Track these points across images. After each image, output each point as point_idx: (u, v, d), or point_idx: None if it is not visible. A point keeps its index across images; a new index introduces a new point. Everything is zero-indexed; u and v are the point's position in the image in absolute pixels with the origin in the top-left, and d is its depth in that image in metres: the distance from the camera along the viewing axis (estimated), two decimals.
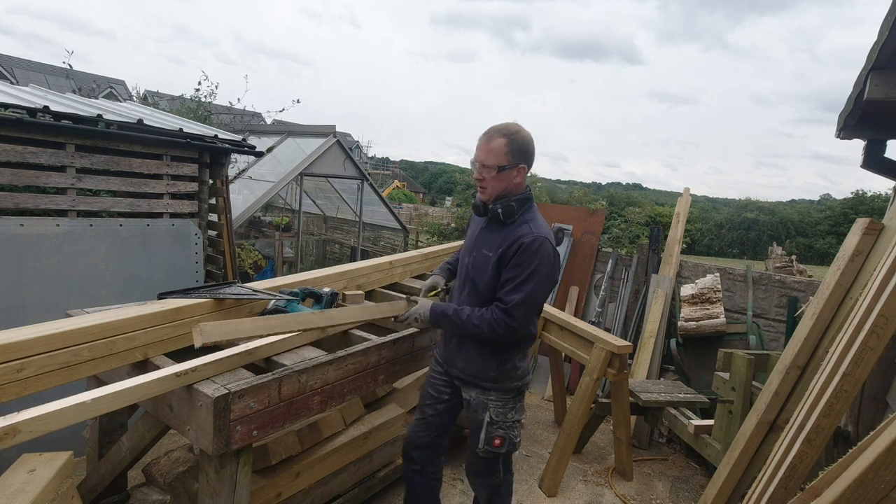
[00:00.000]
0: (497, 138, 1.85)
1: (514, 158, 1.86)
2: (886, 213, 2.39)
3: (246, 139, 3.99)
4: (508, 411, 2.01)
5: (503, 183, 1.90)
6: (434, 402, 2.15)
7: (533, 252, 1.82)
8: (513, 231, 1.88)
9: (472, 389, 2.02)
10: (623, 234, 5.29)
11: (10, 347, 1.47)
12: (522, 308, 1.82)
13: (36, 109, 2.60)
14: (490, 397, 1.99)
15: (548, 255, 1.84)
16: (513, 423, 2.02)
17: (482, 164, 1.87)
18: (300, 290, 2.26)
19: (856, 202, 20.04)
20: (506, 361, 1.98)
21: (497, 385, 1.98)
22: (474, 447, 2.03)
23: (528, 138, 1.90)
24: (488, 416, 1.98)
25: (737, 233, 20.28)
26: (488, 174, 1.88)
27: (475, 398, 2.01)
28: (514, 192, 1.94)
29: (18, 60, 23.10)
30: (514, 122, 1.91)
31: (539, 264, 1.82)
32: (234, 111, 8.08)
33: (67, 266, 2.75)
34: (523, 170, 1.91)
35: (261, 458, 2.14)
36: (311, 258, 7.70)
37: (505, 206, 1.91)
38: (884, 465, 1.37)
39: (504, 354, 1.97)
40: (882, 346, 1.76)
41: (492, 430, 1.98)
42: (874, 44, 1.93)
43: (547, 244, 1.85)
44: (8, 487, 1.60)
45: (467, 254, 2.04)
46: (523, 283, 1.81)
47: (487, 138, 1.87)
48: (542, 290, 1.88)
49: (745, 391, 2.93)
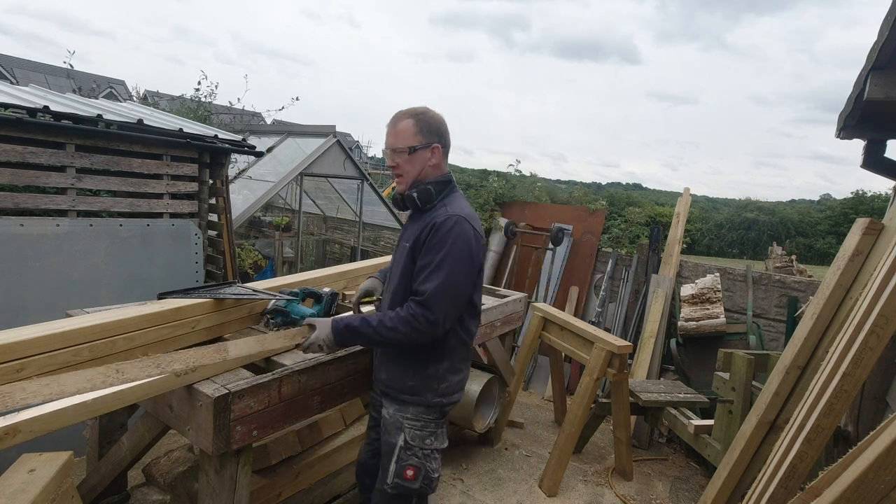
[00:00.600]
0: (404, 119, 1.72)
1: (425, 138, 1.71)
2: (886, 213, 2.38)
3: (246, 139, 3.99)
4: (427, 435, 1.72)
5: (418, 165, 1.73)
6: (376, 423, 1.93)
7: (445, 232, 1.61)
8: (428, 216, 1.70)
9: (390, 405, 1.77)
10: (623, 234, 5.28)
11: (10, 347, 1.47)
12: (439, 297, 1.58)
13: (36, 109, 2.60)
14: (406, 415, 1.72)
15: (464, 234, 1.63)
16: (431, 452, 1.73)
17: (392, 149, 1.72)
18: (300, 290, 2.26)
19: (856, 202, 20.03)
20: (425, 367, 1.72)
21: (416, 398, 1.72)
22: (381, 484, 1.75)
23: (437, 118, 1.75)
24: (402, 438, 1.71)
25: (737, 233, 20.27)
26: (401, 158, 1.72)
27: (391, 416, 1.75)
28: (432, 176, 1.76)
29: (18, 60, 23.10)
30: (423, 105, 1.77)
31: (454, 245, 1.60)
32: (234, 111, 8.08)
33: (67, 266, 2.75)
34: (438, 150, 1.74)
35: (261, 458, 2.15)
36: (311, 258, 7.70)
37: (420, 189, 1.73)
38: (884, 465, 1.36)
39: (423, 358, 1.72)
40: (882, 346, 1.76)
41: (404, 458, 1.70)
42: (874, 44, 1.93)
43: (463, 223, 1.64)
44: (8, 487, 1.60)
45: (394, 251, 1.90)
46: (437, 269, 1.59)
47: (394, 121, 1.73)
48: (462, 275, 1.63)
49: (745, 391, 2.93)
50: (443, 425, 1.79)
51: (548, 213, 5.55)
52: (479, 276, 1.77)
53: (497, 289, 3.60)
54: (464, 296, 1.68)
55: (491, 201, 5.80)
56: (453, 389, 1.77)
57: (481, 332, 2.96)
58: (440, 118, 1.77)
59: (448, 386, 1.75)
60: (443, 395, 1.74)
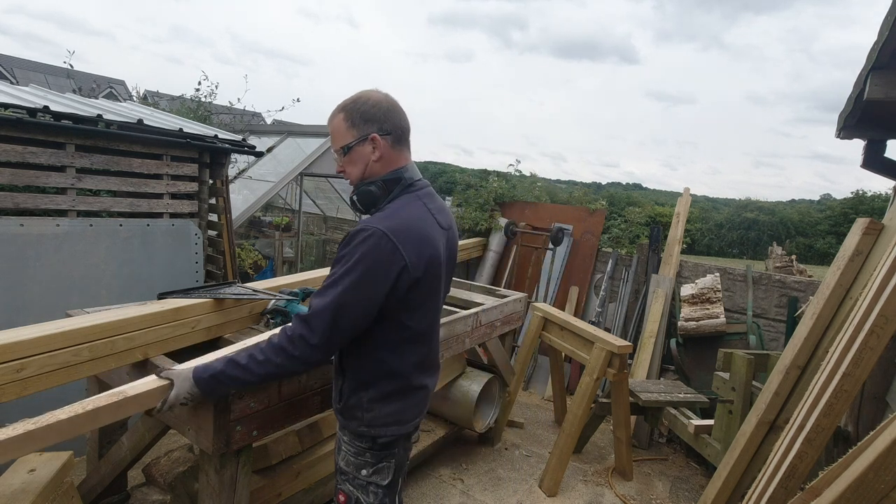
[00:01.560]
0: (336, 115, 1.43)
1: (358, 130, 1.39)
2: (886, 213, 2.39)
3: (246, 139, 3.99)
4: (363, 465, 1.46)
5: (360, 164, 1.42)
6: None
7: (354, 246, 1.30)
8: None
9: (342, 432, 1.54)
10: (623, 234, 5.28)
11: (10, 347, 1.48)
12: (323, 317, 1.30)
13: (36, 109, 2.60)
14: (344, 437, 1.51)
15: (376, 252, 1.29)
16: (366, 483, 1.46)
17: (334, 150, 1.46)
18: (300, 289, 2.26)
19: (856, 202, 20.03)
20: (350, 394, 1.45)
21: (344, 421, 1.48)
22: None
23: (373, 101, 1.41)
24: (339, 458, 1.52)
25: (737, 233, 20.27)
26: (341, 160, 1.45)
27: (339, 449, 1.54)
28: (379, 173, 1.43)
29: (18, 60, 23.09)
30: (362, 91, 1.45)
31: (358, 262, 1.29)
32: (235, 111, 8.08)
33: (67, 266, 2.75)
34: (377, 140, 1.40)
35: (261, 458, 2.15)
36: (311, 258, 7.69)
37: (360, 192, 1.43)
38: (884, 465, 1.37)
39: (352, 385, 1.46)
40: (882, 346, 1.76)
41: (339, 481, 1.52)
42: (874, 44, 1.93)
43: (380, 239, 1.29)
44: (8, 487, 1.60)
45: None
46: (332, 286, 1.31)
47: (328, 120, 1.45)
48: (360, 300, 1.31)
49: (745, 391, 2.93)
50: (386, 459, 1.48)
51: (548, 213, 5.55)
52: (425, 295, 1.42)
53: (497, 289, 3.60)
54: (355, 324, 1.34)
55: (491, 201, 5.80)
56: (384, 422, 1.44)
57: (481, 332, 2.96)
58: (378, 100, 1.41)
59: (374, 417, 1.44)
60: (370, 425, 1.44)
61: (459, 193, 6.11)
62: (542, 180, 6.65)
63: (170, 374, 1.42)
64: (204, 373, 1.39)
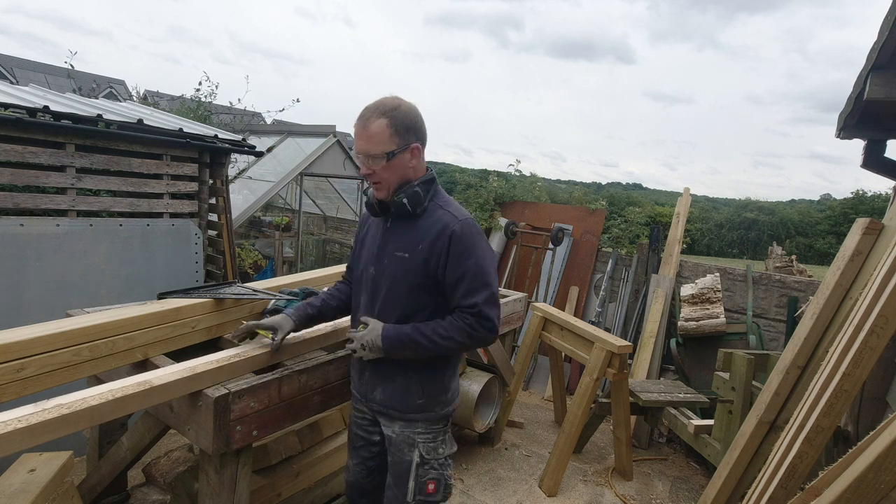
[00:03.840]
0: (375, 120, 1.51)
1: (402, 139, 1.53)
2: (886, 213, 2.38)
3: (246, 139, 3.99)
4: (439, 445, 1.68)
5: (399, 171, 1.57)
6: (366, 444, 1.82)
7: (468, 239, 1.56)
8: (428, 222, 1.59)
9: (394, 423, 1.68)
10: (623, 234, 5.28)
11: (10, 347, 1.48)
12: (490, 303, 1.57)
13: (36, 109, 2.60)
14: (417, 430, 1.66)
15: (481, 234, 1.62)
16: (444, 460, 1.69)
17: (366, 154, 1.54)
18: (300, 289, 2.26)
19: (856, 202, 20.03)
20: (433, 382, 1.66)
21: (425, 414, 1.66)
22: (402, 497, 1.66)
23: (412, 111, 1.56)
24: (417, 454, 1.65)
25: (737, 233, 20.27)
26: (377, 165, 1.54)
27: (398, 434, 1.67)
28: (415, 178, 1.62)
29: (18, 60, 23.09)
30: (393, 96, 1.58)
31: (479, 249, 1.57)
32: (235, 111, 8.08)
33: (67, 266, 2.75)
34: (417, 150, 1.58)
35: (261, 458, 2.15)
36: (311, 258, 7.69)
37: (410, 194, 1.58)
38: (884, 465, 1.37)
39: (431, 374, 1.66)
40: (882, 346, 1.76)
41: (423, 473, 1.65)
42: (874, 44, 1.93)
43: (473, 223, 1.60)
44: (8, 487, 1.60)
45: (372, 263, 1.68)
46: (479, 278, 1.55)
47: (364, 122, 1.53)
48: (495, 273, 1.65)
49: (745, 391, 2.93)
50: (449, 429, 1.76)
51: (548, 213, 5.55)
52: None
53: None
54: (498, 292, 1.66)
55: (491, 201, 5.80)
56: (456, 395, 1.75)
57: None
58: (415, 111, 1.57)
59: (452, 393, 1.72)
60: (448, 403, 1.71)
61: (459, 193, 6.11)
62: (542, 180, 6.66)
63: (368, 320, 1.62)
64: (392, 330, 1.58)
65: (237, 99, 7.17)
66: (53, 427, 1.24)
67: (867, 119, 2.35)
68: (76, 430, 1.31)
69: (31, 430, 1.19)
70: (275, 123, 9.10)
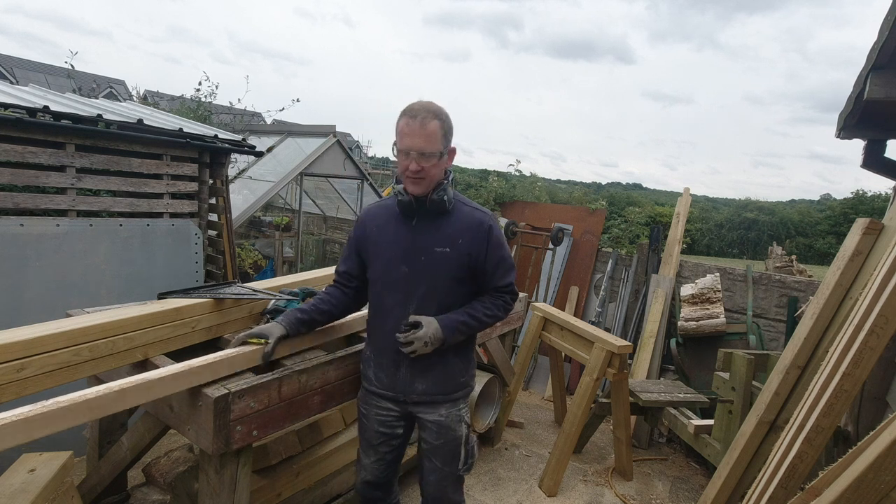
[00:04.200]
0: (431, 120, 1.61)
1: (448, 141, 1.69)
2: (886, 213, 2.39)
3: (246, 139, 3.99)
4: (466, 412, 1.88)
5: (440, 170, 1.70)
6: (388, 438, 1.87)
7: (498, 231, 1.79)
8: (461, 218, 1.74)
9: (438, 408, 1.80)
10: (623, 234, 5.28)
11: (10, 347, 1.47)
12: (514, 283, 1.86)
13: (36, 109, 2.60)
14: (460, 406, 1.83)
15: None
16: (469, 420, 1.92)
17: (421, 152, 1.61)
18: (300, 289, 2.26)
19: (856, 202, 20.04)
20: (468, 360, 1.87)
21: (466, 390, 1.87)
22: (454, 470, 1.82)
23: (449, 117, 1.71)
24: (464, 427, 1.83)
25: (737, 233, 20.27)
26: (427, 163, 1.63)
27: (446, 416, 1.80)
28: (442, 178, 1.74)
29: (18, 60, 23.09)
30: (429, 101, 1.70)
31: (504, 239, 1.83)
32: (235, 111, 8.08)
33: (67, 266, 2.75)
34: (454, 153, 1.75)
35: (261, 458, 2.14)
36: (311, 258, 7.69)
37: (446, 193, 1.71)
38: (883, 465, 1.37)
39: (465, 353, 1.86)
40: (882, 346, 1.76)
41: (470, 440, 1.85)
42: (874, 43, 1.93)
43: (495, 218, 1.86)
44: (8, 487, 1.60)
45: (402, 261, 1.73)
46: (507, 263, 1.80)
47: (422, 121, 1.60)
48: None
49: (745, 391, 2.93)
50: None
51: (548, 213, 5.55)
52: None
53: None
54: None
55: (491, 201, 5.80)
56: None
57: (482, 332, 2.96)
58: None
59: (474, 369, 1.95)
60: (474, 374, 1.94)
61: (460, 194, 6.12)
62: (541, 180, 6.66)
63: (419, 319, 1.70)
64: (446, 320, 1.71)
65: (237, 99, 7.17)
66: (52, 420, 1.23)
67: (867, 119, 2.35)
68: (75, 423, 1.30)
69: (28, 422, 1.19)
70: (275, 123, 9.09)
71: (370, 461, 1.90)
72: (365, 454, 1.91)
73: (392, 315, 1.76)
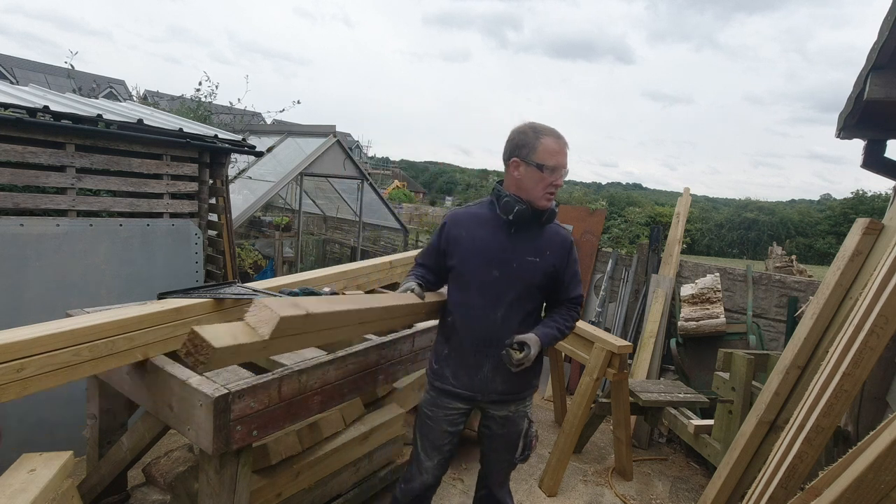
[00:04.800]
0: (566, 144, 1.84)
1: None
2: (886, 213, 2.39)
3: (246, 139, 3.99)
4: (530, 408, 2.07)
5: None
6: (452, 437, 1.98)
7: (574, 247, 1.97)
8: (550, 233, 1.90)
9: (508, 406, 1.96)
10: (623, 234, 5.28)
11: (10, 347, 1.47)
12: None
13: (36, 109, 2.60)
14: (527, 403, 2.02)
15: None
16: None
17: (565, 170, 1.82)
18: (300, 289, 2.26)
19: (856, 202, 20.05)
20: (541, 361, 1.98)
21: (532, 389, 2.03)
22: (512, 460, 2.03)
23: None
24: (526, 421, 2.01)
25: (737, 233, 20.28)
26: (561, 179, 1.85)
27: (514, 412, 1.98)
28: None
29: (18, 60, 23.09)
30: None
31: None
32: (235, 111, 8.08)
33: (67, 266, 2.75)
34: None
35: (261, 458, 2.14)
36: (311, 258, 7.70)
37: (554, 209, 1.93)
38: (883, 465, 1.36)
39: (540, 357, 1.94)
40: (882, 346, 1.76)
41: (529, 433, 2.02)
42: (874, 44, 1.93)
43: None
44: (8, 487, 1.60)
45: (496, 266, 1.83)
46: (578, 274, 1.98)
47: (566, 144, 1.82)
48: None
49: (745, 391, 2.93)
50: None
51: None
52: None
53: None
54: None
55: None
56: None
57: None
58: None
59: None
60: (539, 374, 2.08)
61: (460, 193, 6.13)
62: None
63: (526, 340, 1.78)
64: (544, 336, 1.84)
65: (237, 99, 7.18)
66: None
67: (867, 119, 2.35)
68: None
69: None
70: (275, 123, 9.10)
71: (433, 463, 1.98)
72: (428, 457, 1.98)
73: (480, 316, 1.86)
